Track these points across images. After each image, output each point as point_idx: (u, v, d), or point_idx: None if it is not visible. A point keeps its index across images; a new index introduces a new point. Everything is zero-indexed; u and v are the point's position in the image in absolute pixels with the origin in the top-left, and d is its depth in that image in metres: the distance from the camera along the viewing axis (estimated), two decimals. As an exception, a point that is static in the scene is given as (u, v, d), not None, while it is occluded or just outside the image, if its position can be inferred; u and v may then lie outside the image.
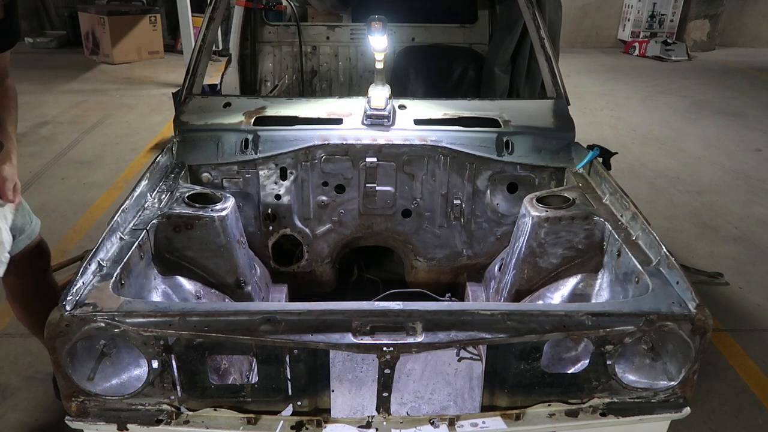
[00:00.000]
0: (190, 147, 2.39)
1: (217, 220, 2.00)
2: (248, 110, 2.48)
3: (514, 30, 3.59)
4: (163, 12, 9.61)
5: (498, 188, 2.50)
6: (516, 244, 2.16)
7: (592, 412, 1.63)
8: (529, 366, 1.58)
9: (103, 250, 1.68)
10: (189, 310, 1.50)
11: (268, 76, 3.96)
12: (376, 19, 2.29)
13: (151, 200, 2.04)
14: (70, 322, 1.45)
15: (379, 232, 2.60)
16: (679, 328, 1.52)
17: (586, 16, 11.39)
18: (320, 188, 2.48)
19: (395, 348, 1.48)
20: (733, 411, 2.65)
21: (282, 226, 2.53)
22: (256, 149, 2.37)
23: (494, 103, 2.60)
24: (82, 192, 4.60)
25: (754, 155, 5.88)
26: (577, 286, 2.04)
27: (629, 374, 1.62)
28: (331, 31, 3.94)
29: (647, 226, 1.83)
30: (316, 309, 1.50)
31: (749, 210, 4.67)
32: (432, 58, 3.81)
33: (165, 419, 1.56)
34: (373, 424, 1.62)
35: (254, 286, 2.21)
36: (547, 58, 2.65)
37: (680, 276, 1.62)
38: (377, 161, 2.41)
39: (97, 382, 1.53)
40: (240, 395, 1.59)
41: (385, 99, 2.43)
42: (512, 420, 1.63)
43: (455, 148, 2.38)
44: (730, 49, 11.48)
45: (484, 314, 1.51)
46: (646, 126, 6.67)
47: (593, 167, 2.32)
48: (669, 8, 11.10)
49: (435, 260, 2.64)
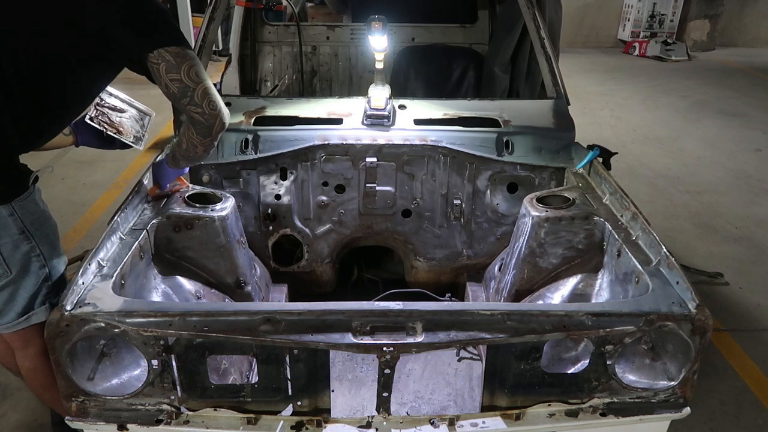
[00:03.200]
0: None
1: (217, 220, 2.00)
2: (248, 110, 2.48)
3: (514, 30, 3.58)
4: (163, 12, 9.59)
5: (498, 188, 2.50)
6: (516, 244, 2.16)
7: (592, 412, 1.63)
8: (529, 366, 1.58)
9: (103, 250, 1.68)
10: (189, 310, 1.50)
11: (268, 76, 3.96)
12: (376, 19, 2.29)
13: (151, 200, 2.05)
14: (70, 322, 1.45)
15: (379, 232, 2.60)
16: (679, 328, 1.52)
17: (586, 16, 11.39)
18: (320, 188, 2.48)
19: (395, 348, 1.48)
20: (733, 411, 2.65)
21: (282, 226, 2.53)
22: (256, 149, 2.37)
23: (494, 103, 2.60)
24: (82, 192, 4.61)
25: (754, 155, 5.88)
26: (577, 286, 2.04)
27: (629, 374, 1.62)
28: (331, 31, 3.94)
29: (647, 226, 1.83)
30: (316, 309, 1.50)
31: (749, 210, 4.67)
32: (432, 58, 3.81)
33: (165, 419, 1.56)
34: (373, 424, 1.62)
35: (254, 286, 2.21)
36: (547, 58, 2.65)
37: (680, 276, 1.62)
38: (377, 161, 2.41)
39: (97, 382, 1.53)
40: (240, 395, 1.59)
41: (385, 99, 2.43)
42: (512, 420, 1.63)
43: (455, 148, 2.38)
44: (730, 49, 11.48)
45: (484, 314, 1.51)
46: (646, 126, 6.67)
47: (593, 167, 2.32)
48: (669, 8, 11.10)
49: (435, 260, 2.64)
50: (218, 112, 1.76)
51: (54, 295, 1.77)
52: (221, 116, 1.77)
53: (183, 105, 1.74)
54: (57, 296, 1.76)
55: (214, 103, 1.75)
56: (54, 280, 1.78)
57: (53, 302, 1.77)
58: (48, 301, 1.77)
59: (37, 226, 1.72)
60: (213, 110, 1.74)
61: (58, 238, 1.82)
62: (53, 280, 1.78)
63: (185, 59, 1.69)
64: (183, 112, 1.80)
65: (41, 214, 1.75)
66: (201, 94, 1.71)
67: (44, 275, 1.75)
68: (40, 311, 1.76)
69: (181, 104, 1.74)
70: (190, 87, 1.70)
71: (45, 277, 1.75)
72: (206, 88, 1.72)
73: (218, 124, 1.78)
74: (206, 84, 1.72)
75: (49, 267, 1.76)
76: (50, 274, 1.77)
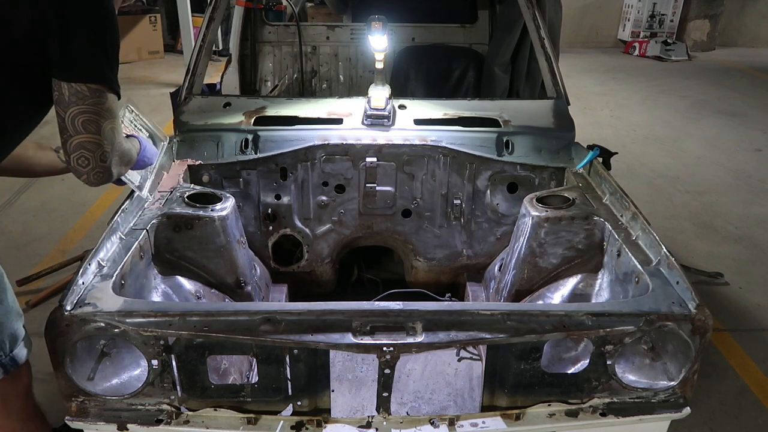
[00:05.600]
0: (190, 147, 2.39)
1: (217, 220, 2.00)
2: (248, 110, 2.48)
3: (514, 30, 3.59)
4: (163, 12, 9.60)
5: (498, 188, 2.50)
6: (516, 244, 2.16)
7: (592, 412, 1.63)
8: (529, 366, 1.58)
9: (103, 250, 1.68)
10: (189, 310, 1.50)
11: (268, 76, 3.96)
12: (376, 19, 2.29)
13: (151, 200, 2.05)
14: (70, 322, 1.45)
15: (379, 232, 2.60)
16: (679, 328, 1.52)
17: (586, 16, 11.38)
18: (320, 188, 2.48)
19: (395, 348, 1.48)
20: (733, 411, 2.65)
21: (282, 226, 2.53)
22: (256, 149, 2.37)
23: (494, 103, 2.61)
24: (82, 192, 4.59)
25: (754, 155, 5.88)
26: (577, 286, 2.04)
27: (629, 374, 1.61)
28: (331, 31, 3.94)
29: (647, 226, 1.83)
30: (316, 309, 1.50)
31: (749, 210, 4.67)
32: (432, 58, 3.81)
33: (165, 419, 1.56)
34: (373, 424, 1.62)
35: (254, 286, 2.21)
36: (547, 58, 2.65)
37: (680, 276, 1.62)
38: (377, 161, 2.41)
39: (97, 382, 1.53)
40: (240, 395, 1.59)
41: (385, 99, 2.43)
42: (512, 420, 1.63)
43: (455, 148, 2.38)
44: (730, 49, 11.47)
45: (484, 314, 1.51)
46: (646, 126, 6.67)
47: (593, 167, 2.32)
48: (669, 8, 11.09)
49: (435, 260, 2.64)
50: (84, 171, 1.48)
51: (5, 353, 1.61)
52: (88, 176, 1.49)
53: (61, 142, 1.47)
54: (9, 355, 1.62)
55: (87, 160, 1.46)
56: (3, 337, 1.61)
57: (5, 362, 1.62)
58: None
59: None
60: (81, 166, 1.46)
61: (5, 288, 1.62)
62: (2, 337, 1.61)
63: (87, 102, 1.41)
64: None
65: None
66: (75, 145, 1.44)
67: None
68: None
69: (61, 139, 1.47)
70: (69, 133, 1.43)
71: None
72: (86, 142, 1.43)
73: (87, 179, 1.50)
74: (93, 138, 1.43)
75: None
76: None
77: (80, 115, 1.41)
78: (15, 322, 1.66)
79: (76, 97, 1.40)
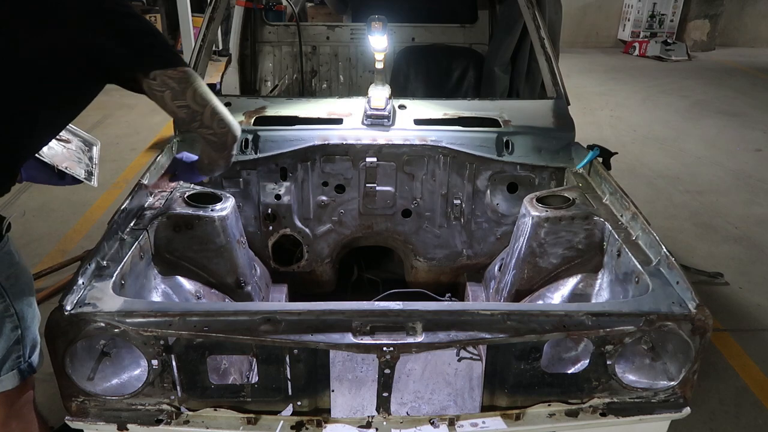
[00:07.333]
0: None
1: (217, 220, 2.00)
2: (248, 110, 2.48)
3: (514, 30, 3.59)
4: (163, 12, 9.59)
5: (498, 188, 2.50)
6: (516, 244, 2.16)
7: (592, 412, 1.63)
8: (529, 366, 1.58)
9: (103, 250, 1.68)
10: (189, 310, 1.50)
11: (268, 76, 3.96)
12: (376, 19, 2.29)
13: (151, 200, 2.04)
14: (70, 322, 1.45)
15: (379, 232, 2.60)
16: (679, 328, 1.52)
17: (586, 16, 11.39)
18: (320, 188, 2.48)
19: (395, 348, 1.48)
20: (733, 411, 2.65)
21: (282, 226, 2.53)
22: (256, 149, 2.37)
23: (494, 103, 2.61)
24: (82, 192, 4.59)
25: (754, 155, 5.88)
26: (577, 286, 2.04)
27: (629, 374, 1.61)
28: (331, 31, 3.94)
29: (647, 226, 1.83)
30: (316, 309, 1.50)
31: (749, 210, 4.67)
32: (432, 58, 3.80)
33: (165, 419, 1.56)
34: (373, 424, 1.62)
35: (254, 286, 2.21)
36: (547, 58, 2.65)
37: (680, 276, 1.62)
38: (377, 161, 2.41)
39: (97, 382, 1.53)
40: (240, 395, 1.59)
41: (385, 99, 2.43)
42: (512, 420, 1.63)
43: (455, 148, 2.38)
44: (730, 49, 11.47)
45: (484, 314, 1.51)
46: (646, 126, 6.67)
47: (593, 167, 2.31)
48: (669, 8, 11.10)
49: (435, 260, 2.64)
50: (228, 128, 1.70)
51: (24, 359, 1.61)
52: (232, 130, 1.71)
53: (194, 128, 1.67)
54: (27, 361, 1.62)
55: (223, 120, 1.68)
56: (26, 342, 1.60)
57: (23, 368, 1.62)
58: (17, 367, 1.60)
59: (13, 281, 1.55)
60: (223, 128, 1.69)
61: (33, 292, 1.64)
62: (25, 342, 1.60)
63: (188, 82, 1.59)
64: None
65: (17, 266, 1.57)
66: (209, 115, 1.65)
67: (16, 338, 1.57)
68: (6, 378, 1.59)
69: (192, 128, 1.67)
70: (198, 111, 1.63)
71: (17, 340, 1.57)
72: (213, 107, 1.65)
73: (230, 138, 1.72)
74: (212, 103, 1.65)
75: (23, 328, 1.58)
76: (23, 335, 1.58)
77: (195, 92, 1.60)
78: (37, 327, 1.67)
79: (183, 82, 1.58)
